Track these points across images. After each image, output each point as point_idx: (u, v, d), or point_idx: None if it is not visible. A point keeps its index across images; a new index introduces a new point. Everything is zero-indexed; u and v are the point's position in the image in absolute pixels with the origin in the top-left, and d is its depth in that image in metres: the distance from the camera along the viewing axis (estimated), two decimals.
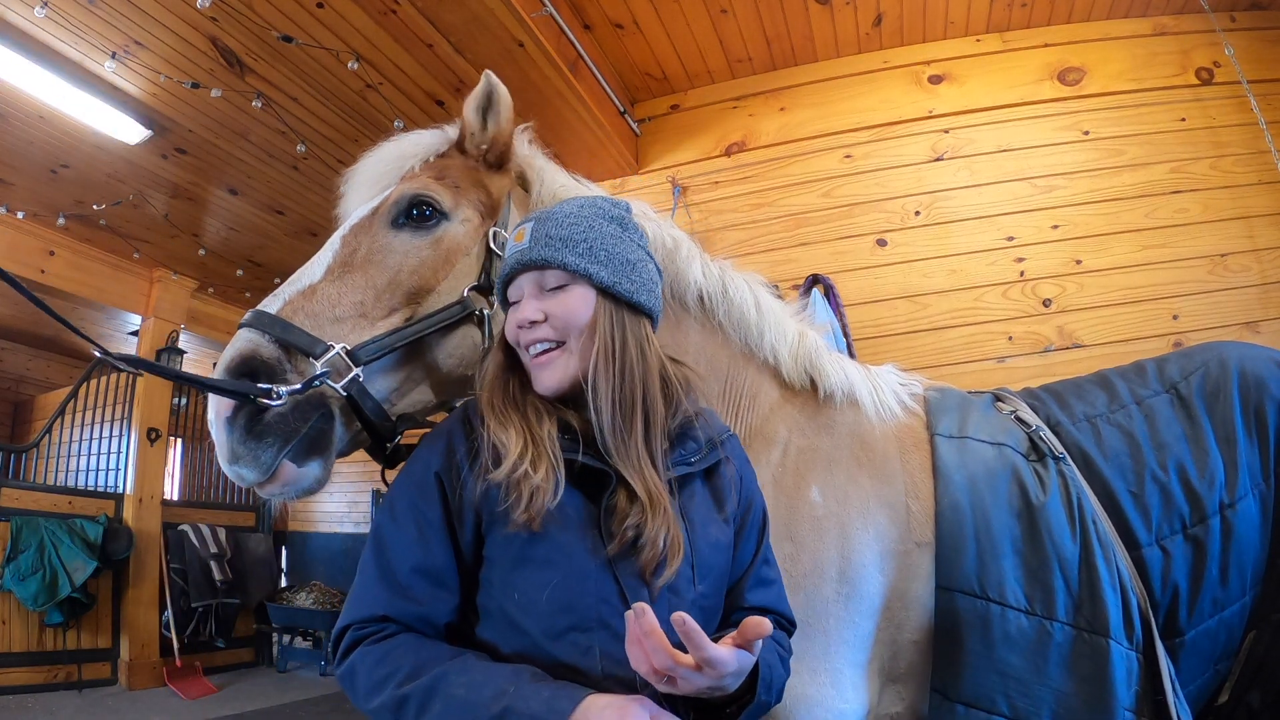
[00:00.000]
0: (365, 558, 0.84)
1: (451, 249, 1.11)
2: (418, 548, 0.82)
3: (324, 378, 0.94)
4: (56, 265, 4.64)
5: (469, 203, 1.16)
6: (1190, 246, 2.79)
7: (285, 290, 1.03)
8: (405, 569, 0.81)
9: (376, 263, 1.07)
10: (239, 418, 0.92)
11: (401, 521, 0.84)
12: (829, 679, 1.04)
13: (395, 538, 0.83)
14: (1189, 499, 1.09)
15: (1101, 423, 1.20)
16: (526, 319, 0.88)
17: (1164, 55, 2.99)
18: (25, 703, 4.00)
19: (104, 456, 5.18)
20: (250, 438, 0.92)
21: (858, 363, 1.34)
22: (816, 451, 1.19)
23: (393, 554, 0.82)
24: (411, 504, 0.85)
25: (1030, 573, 1.05)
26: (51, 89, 3.31)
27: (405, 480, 0.88)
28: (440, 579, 0.82)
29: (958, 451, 1.15)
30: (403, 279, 1.07)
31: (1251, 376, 1.16)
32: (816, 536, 1.10)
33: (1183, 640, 1.05)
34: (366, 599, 0.81)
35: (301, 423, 0.94)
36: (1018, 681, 1.00)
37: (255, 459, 0.92)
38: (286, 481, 0.95)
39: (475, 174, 1.19)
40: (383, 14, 2.91)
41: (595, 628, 0.78)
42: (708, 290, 1.27)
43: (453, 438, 0.88)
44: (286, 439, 0.93)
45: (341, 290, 1.03)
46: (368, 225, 1.12)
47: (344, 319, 1.01)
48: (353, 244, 1.09)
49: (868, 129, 3.14)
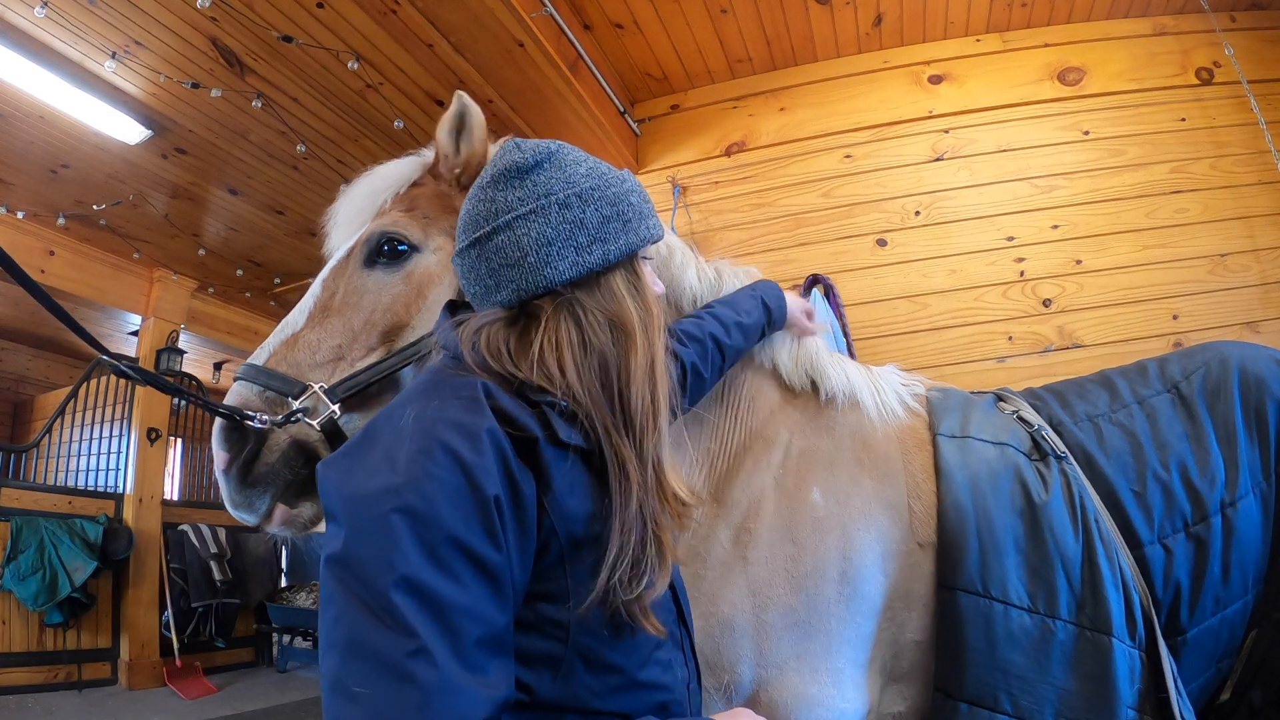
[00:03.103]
0: (394, 640, 0.54)
1: (424, 281, 1.12)
2: (485, 605, 0.59)
3: (301, 414, 0.99)
4: (56, 265, 4.64)
5: (441, 230, 1.15)
6: (1190, 246, 2.79)
7: (272, 340, 1.09)
8: (472, 641, 0.58)
9: (352, 304, 1.10)
10: (233, 470, 1.00)
11: (457, 571, 0.58)
12: (830, 678, 1.04)
13: (457, 597, 0.58)
14: (1190, 498, 1.10)
15: (1103, 422, 1.20)
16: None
17: (1164, 55, 2.99)
18: (25, 703, 4.00)
19: (104, 456, 5.18)
20: (245, 486, 1.01)
21: (859, 364, 1.35)
22: (817, 453, 1.19)
23: (460, 621, 0.57)
24: (461, 541, 0.59)
25: (1033, 571, 1.05)
26: (51, 89, 3.31)
27: (441, 508, 0.59)
28: (505, 645, 0.61)
29: (960, 451, 1.16)
30: (377, 318, 1.09)
31: (1252, 375, 1.17)
32: (818, 538, 1.10)
33: (1185, 638, 1.06)
34: (445, 703, 0.54)
35: (288, 470, 1.02)
36: (1021, 680, 1.00)
37: (250, 504, 1.01)
38: (282, 522, 1.03)
39: (448, 199, 1.19)
40: (383, 14, 2.91)
41: (666, 641, 0.74)
42: (702, 296, 1.28)
43: (499, 438, 0.64)
44: (276, 485, 1.01)
45: (321, 335, 1.07)
46: (343, 268, 1.14)
47: (323, 364, 1.05)
48: (331, 287, 1.12)
49: (868, 129, 3.14)
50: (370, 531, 0.58)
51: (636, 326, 0.73)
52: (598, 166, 0.78)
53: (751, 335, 1.20)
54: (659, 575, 0.69)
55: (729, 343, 1.14)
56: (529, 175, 0.75)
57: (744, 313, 1.18)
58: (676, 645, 0.77)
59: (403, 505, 0.58)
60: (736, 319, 1.16)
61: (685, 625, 0.80)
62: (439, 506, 0.58)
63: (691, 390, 1.09)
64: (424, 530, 0.57)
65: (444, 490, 0.59)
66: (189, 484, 6.45)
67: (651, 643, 0.72)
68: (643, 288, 0.76)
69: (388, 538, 0.57)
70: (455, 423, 0.62)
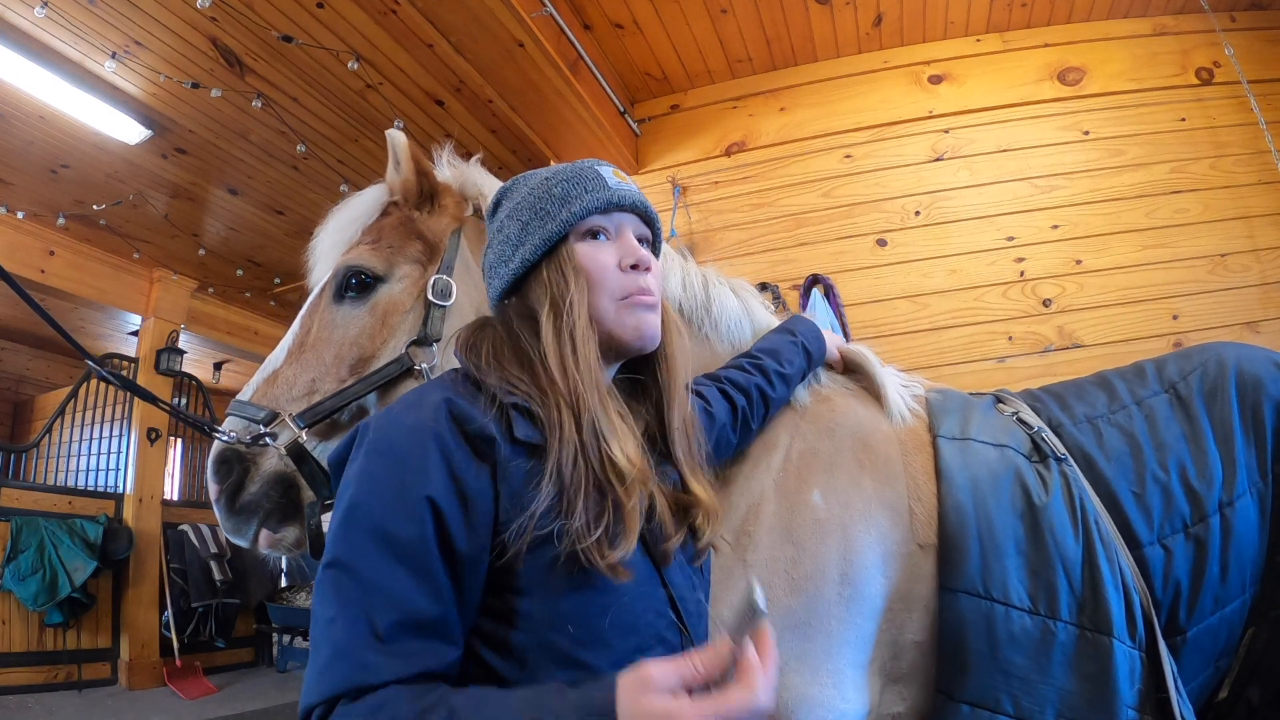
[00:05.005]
0: (329, 610, 0.64)
1: (389, 310, 1.17)
2: (411, 594, 0.64)
3: (269, 438, 1.08)
4: (56, 265, 4.64)
5: (406, 258, 1.20)
6: (1190, 246, 2.79)
7: (255, 379, 1.17)
8: (389, 622, 0.63)
9: (324, 339, 1.16)
10: (222, 499, 1.10)
11: (382, 560, 0.65)
12: (831, 679, 1.04)
13: (378, 579, 0.64)
14: (1189, 498, 1.10)
15: (1102, 423, 1.20)
16: (647, 260, 0.83)
17: (1164, 55, 2.99)
18: (25, 703, 4.00)
19: (104, 457, 5.18)
20: (233, 514, 1.10)
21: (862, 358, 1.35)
22: (817, 455, 1.19)
23: (377, 603, 0.64)
24: (391, 536, 0.65)
25: (1033, 572, 1.05)
26: (51, 89, 3.31)
27: (378, 504, 0.67)
28: (437, 630, 0.66)
29: (960, 453, 1.16)
30: (345, 351, 1.15)
31: (1249, 376, 1.17)
32: (818, 539, 1.10)
33: (1184, 638, 1.06)
34: (348, 664, 0.62)
35: (267, 500, 1.10)
36: (1022, 681, 1.00)
37: (238, 530, 1.11)
38: (267, 545, 1.12)
39: (410, 225, 1.24)
40: (383, 14, 2.92)
41: (655, 644, 0.73)
42: (687, 305, 1.29)
43: (444, 443, 0.69)
44: (259, 513, 1.10)
45: (297, 371, 1.14)
46: (317, 304, 1.20)
47: (298, 398, 1.13)
48: (307, 324, 1.19)
49: (868, 129, 3.14)
50: (333, 516, 0.69)
51: (547, 306, 0.80)
52: (541, 180, 0.87)
53: (793, 383, 1.22)
54: (623, 537, 0.71)
55: (774, 395, 1.17)
56: (494, 215, 0.91)
57: (786, 362, 1.20)
58: (673, 653, 0.73)
59: (350, 499, 0.68)
60: (779, 369, 1.19)
61: (687, 635, 0.77)
62: (373, 501, 0.67)
63: (741, 437, 1.14)
64: (360, 521, 0.66)
65: (380, 487, 0.67)
66: (189, 484, 6.44)
67: (631, 645, 0.71)
68: (568, 267, 0.81)
69: (337, 523, 0.68)
70: (409, 423, 0.70)
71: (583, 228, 0.83)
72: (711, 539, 0.82)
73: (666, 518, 0.78)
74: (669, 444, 0.85)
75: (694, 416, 0.91)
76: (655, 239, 0.91)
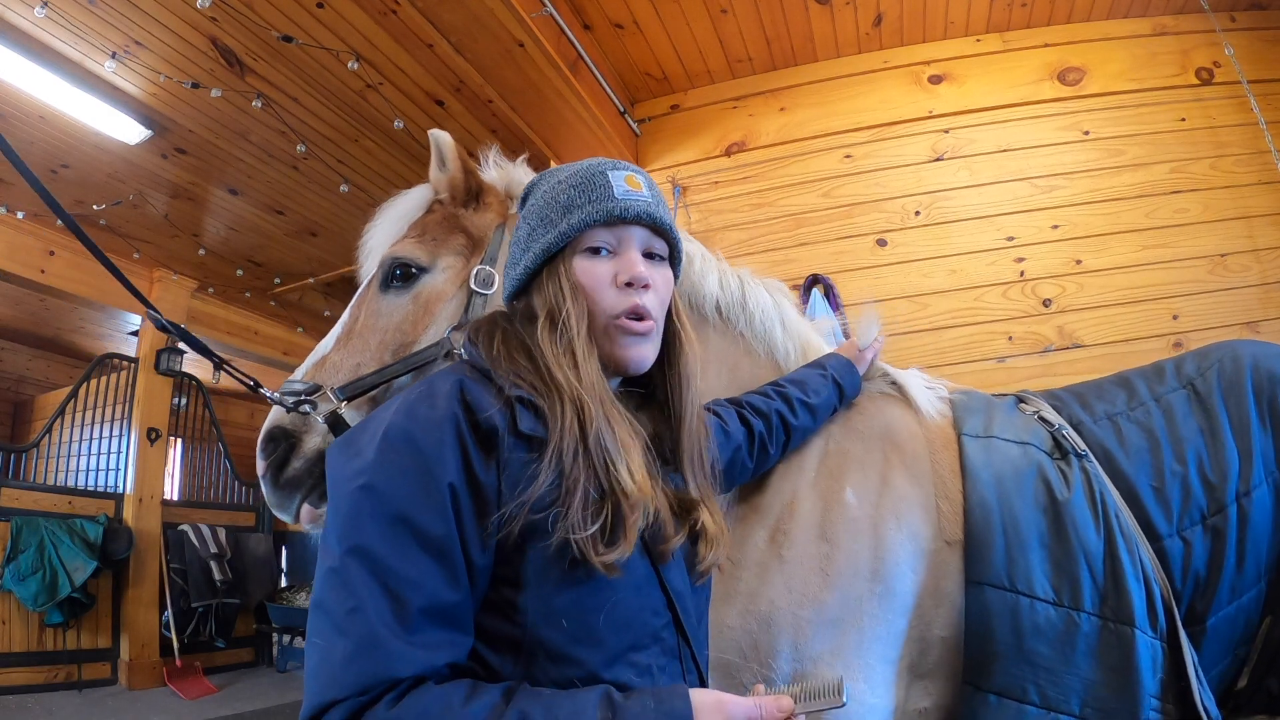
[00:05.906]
0: (349, 600, 0.62)
1: (431, 299, 1.22)
2: (437, 582, 0.64)
3: (309, 406, 1.12)
4: (56, 265, 4.64)
5: (449, 250, 1.26)
6: (1190, 246, 2.79)
7: (306, 363, 1.23)
8: (417, 610, 0.62)
9: (370, 326, 1.22)
10: (268, 474, 1.15)
11: (408, 548, 0.64)
12: (862, 674, 1.07)
13: (401, 567, 0.63)
14: (1206, 490, 1.13)
15: (1122, 420, 1.23)
16: (643, 278, 0.80)
17: (1164, 55, 2.99)
18: (25, 703, 4.00)
19: (104, 456, 5.18)
20: (278, 489, 1.15)
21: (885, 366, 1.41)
22: (849, 455, 1.23)
23: (406, 592, 0.62)
24: (415, 523, 0.65)
25: (1057, 565, 1.08)
26: (51, 89, 3.31)
27: (400, 491, 0.66)
28: (456, 620, 0.65)
29: (985, 451, 1.19)
30: (389, 337, 1.20)
31: (1265, 371, 1.21)
32: (851, 537, 1.13)
33: (1204, 627, 1.09)
34: (370, 656, 0.60)
35: (309, 476, 1.15)
36: (1047, 671, 1.03)
37: (282, 505, 1.16)
38: (309, 520, 1.16)
39: (454, 220, 1.29)
40: (383, 14, 2.92)
41: (650, 644, 0.73)
42: (725, 303, 1.32)
43: (460, 428, 0.69)
44: (303, 488, 1.15)
45: (344, 355, 1.20)
46: (365, 295, 1.26)
47: (343, 378, 1.18)
48: (355, 313, 1.25)
49: (868, 129, 3.14)
50: (341, 506, 0.67)
51: (545, 317, 0.79)
52: (555, 183, 0.85)
53: (821, 414, 1.22)
54: (621, 541, 0.70)
55: (795, 423, 1.17)
56: (521, 210, 0.90)
57: (812, 393, 1.21)
58: (669, 653, 0.75)
59: (366, 484, 0.66)
60: (803, 398, 1.19)
61: (684, 636, 0.77)
62: (395, 487, 0.65)
63: (758, 461, 1.15)
64: (380, 507, 0.65)
65: (402, 473, 0.66)
66: (189, 484, 6.44)
67: (625, 642, 0.70)
68: (564, 282, 0.80)
69: (351, 511, 0.65)
70: (424, 413, 0.69)
71: (582, 242, 0.81)
72: (714, 561, 0.81)
73: (667, 518, 0.77)
74: (679, 463, 0.84)
75: (707, 433, 0.90)
76: (673, 250, 0.87)
